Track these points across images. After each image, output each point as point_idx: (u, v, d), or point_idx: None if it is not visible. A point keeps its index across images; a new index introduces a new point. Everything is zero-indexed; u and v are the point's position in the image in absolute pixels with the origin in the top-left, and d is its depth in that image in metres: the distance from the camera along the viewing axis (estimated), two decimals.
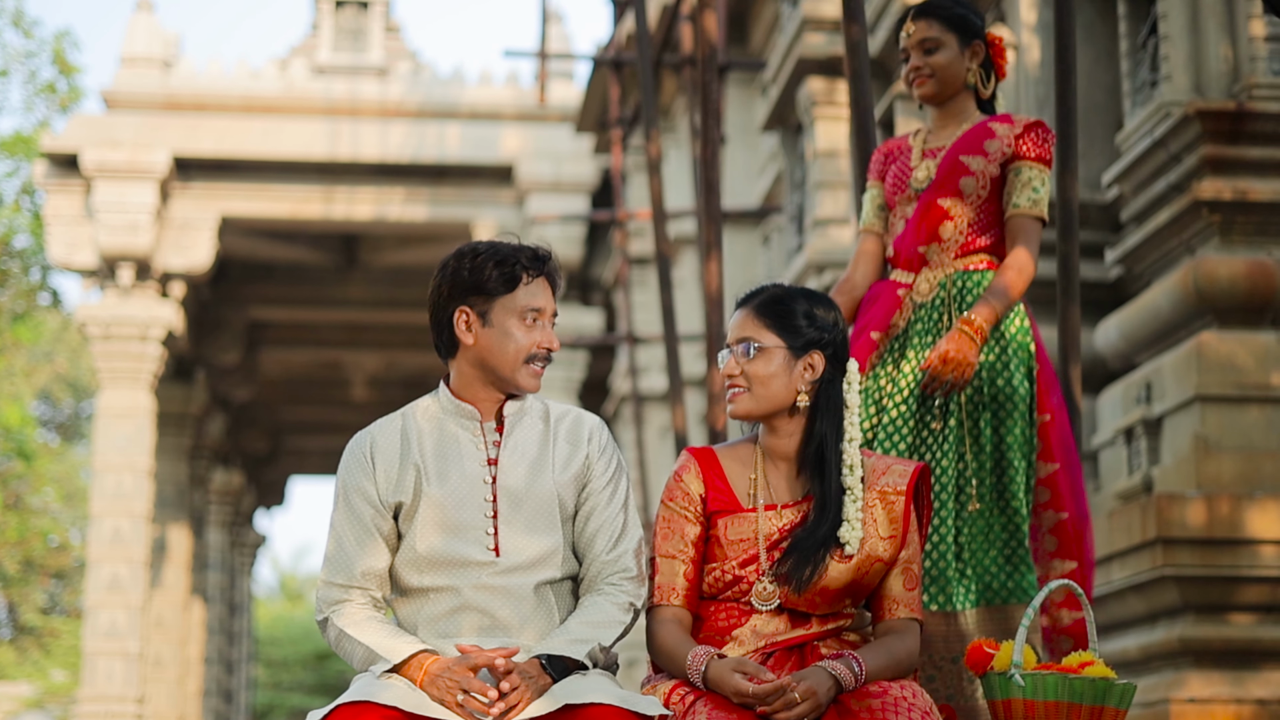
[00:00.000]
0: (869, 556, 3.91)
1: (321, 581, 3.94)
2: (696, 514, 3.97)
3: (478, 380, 3.93)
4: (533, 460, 3.92)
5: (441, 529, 3.85)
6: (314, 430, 31.92)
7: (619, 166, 14.57)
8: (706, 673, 3.77)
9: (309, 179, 21.03)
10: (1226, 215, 8.00)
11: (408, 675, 3.74)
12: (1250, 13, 8.07)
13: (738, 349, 3.96)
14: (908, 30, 5.03)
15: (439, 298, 3.93)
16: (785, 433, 3.98)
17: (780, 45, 12.18)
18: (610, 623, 3.84)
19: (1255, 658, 7.42)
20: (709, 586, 3.98)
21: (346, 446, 3.97)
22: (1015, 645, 3.91)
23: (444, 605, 3.85)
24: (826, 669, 3.75)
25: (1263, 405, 7.78)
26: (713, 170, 6.44)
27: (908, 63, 5.05)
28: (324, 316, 25.53)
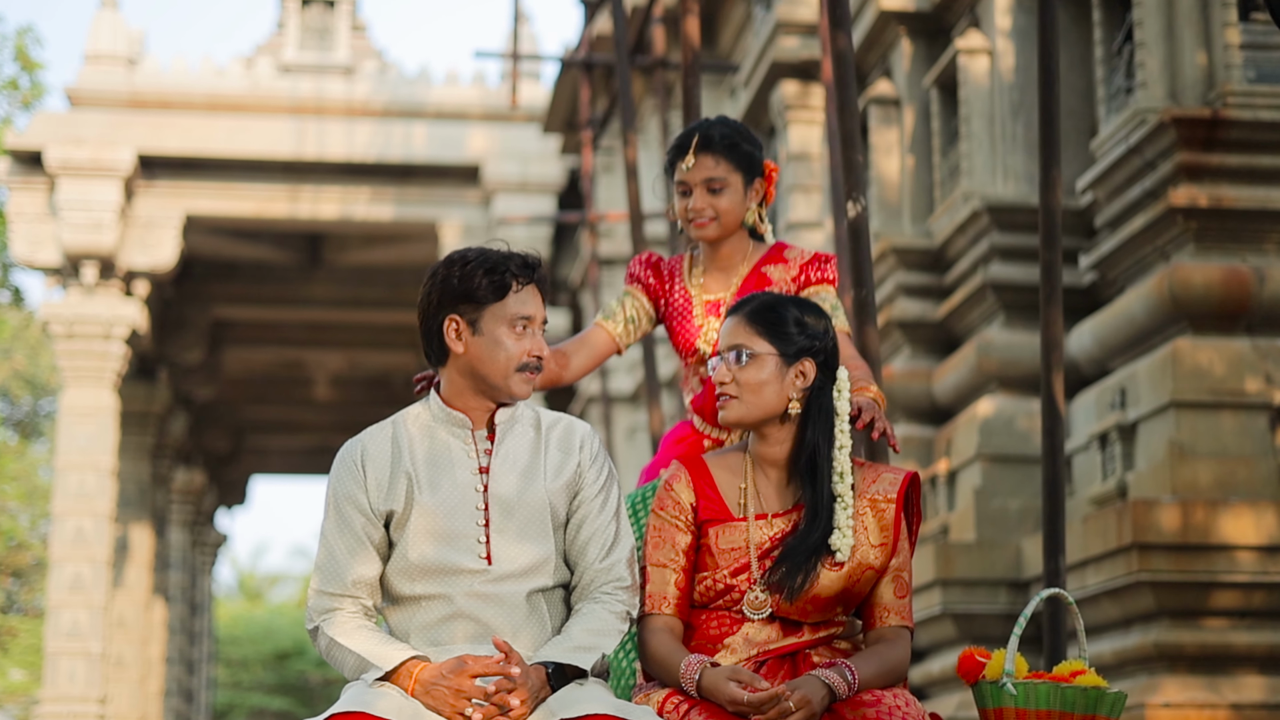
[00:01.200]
0: (860, 564, 3.91)
1: (312, 590, 3.91)
2: (688, 523, 3.96)
3: (468, 389, 3.90)
4: (524, 468, 3.90)
5: (433, 537, 3.83)
6: (276, 429, 31.82)
7: (589, 167, 14.56)
8: (700, 681, 3.76)
9: (274, 178, 20.95)
10: (1201, 222, 8.04)
11: (398, 683, 3.72)
12: (1225, 20, 8.11)
13: (729, 356, 3.95)
14: (688, 163, 4.53)
15: (429, 306, 3.90)
16: (776, 440, 3.97)
17: (753, 49, 12.20)
18: (610, 631, 3.84)
19: (1230, 662, 7.46)
20: (700, 595, 3.97)
21: (337, 455, 3.94)
22: (1007, 654, 3.90)
23: (436, 613, 3.83)
24: (820, 678, 3.75)
25: (1237, 411, 7.83)
26: None
27: (685, 196, 4.55)
28: (287, 315, 25.45)
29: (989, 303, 9.42)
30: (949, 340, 10.05)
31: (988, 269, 9.34)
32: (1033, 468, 9.06)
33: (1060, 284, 5.61)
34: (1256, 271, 7.95)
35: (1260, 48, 8.18)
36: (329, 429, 31.44)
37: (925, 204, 10.24)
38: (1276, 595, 7.46)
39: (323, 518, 3.92)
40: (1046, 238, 5.61)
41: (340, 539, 3.87)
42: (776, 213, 12.18)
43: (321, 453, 33.16)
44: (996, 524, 8.91)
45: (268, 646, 40.92)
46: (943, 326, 9.99)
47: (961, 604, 8.66)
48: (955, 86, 9.93)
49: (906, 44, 10.39)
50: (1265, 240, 8.09)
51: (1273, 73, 8.17)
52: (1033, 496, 9.00)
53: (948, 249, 9.83)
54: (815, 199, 11.52)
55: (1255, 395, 7.84)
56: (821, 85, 11.46)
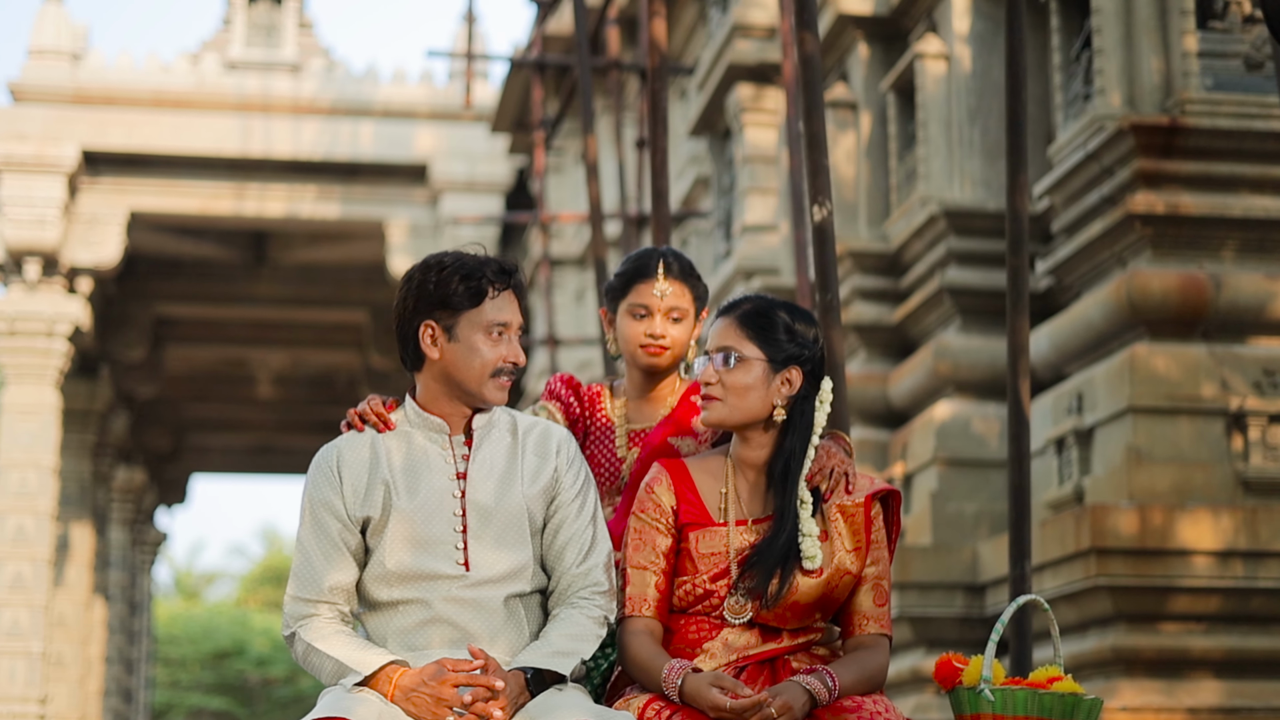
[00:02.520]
0: (838, 569, 3.91)
1: (288, 597, 3.87)
2: (668, 526, 3.95)
3: (444, 394, 3.88)
4: (501, 474, 3.88)
5: (410, 544, 3.80)
6: (217, 428, 31.65)
7: (541, 168, 14.53)
8: (683, 687, 3.74)
9: (220, 175, 20.84)
10: (1159, 229, 8.08)
11: (377, 688, 3.70)
12: (1183, 28, 8.16)
13: (717, 357, 3.94)
14: (662, 289, 4.29)
15: (404, 311, 3.86)
16: (757, 445, 3.97)
17: (709, 51, 12.20)
18: (588, 636, 3.83)
19: (1187, 667, 7.51)
20: (679, 600, 3.96)
21: (313, 460, 3.90)
22: (984, 660, 3.91)
23: (413, 618, 3.81)
24: (802, 684, 3.75)
25: (1194, 417, 7.87)
26: (662, 178, 6.42)
27: (640, 319, 4.30)
28: (231, 314, 25.31)
29: (945, 307, 9.44)
30: (905, 344, 10.07)
31: (945, 273, 9.37)
32: (989, 472, 9.10)
33: (1027, 289, 5.63)
34: (1213, 278, 8.00)
35: (1217, 55, 8.23)
36: (271, 428, 31.31)
37: (881, 208, 10.26)
38: (1233, 600, 7.51)
39: (299, 524, 3.89)
40: (1013, 243, 5.62)
41: (316, 545, 3.83)
42: (731, 216, 12.20)
43: (263, 452, 33.01)
44: (953, 527, 8.94)
45: (206, 646, 40.70)
46: (898, 330, 10.01)
47: (918, 607, 8.68)
48: (912, 91, 9.95)
49: (863, 48, 10.41)
50: (1222, 247, 8.14)
51: (1229, 81, 8.22)
52: (989, 500, 9.03)
53: (904, 253, 9.86)
54: (771, 202, 11.53)
55: (1211, 401, 7.89)
56: (777, 88, 11.49)
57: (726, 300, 4.05)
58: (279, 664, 40.00)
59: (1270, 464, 7.84)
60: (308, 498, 3.86)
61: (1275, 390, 7.91)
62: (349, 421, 3.93)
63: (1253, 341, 8.07)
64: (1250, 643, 7.53)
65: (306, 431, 31.63)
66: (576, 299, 17.45)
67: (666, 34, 7.35)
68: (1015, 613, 5.60)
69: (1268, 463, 7.84)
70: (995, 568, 8.48)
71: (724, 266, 12.07)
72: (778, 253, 11.39)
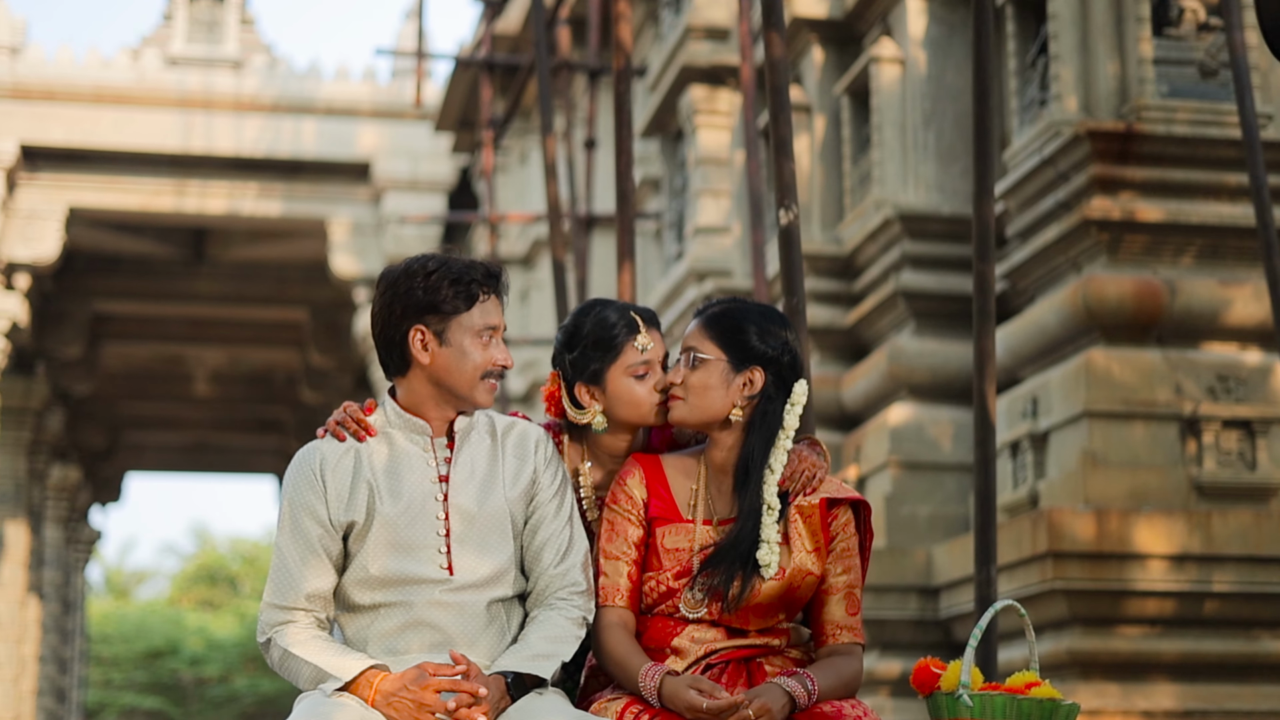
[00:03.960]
0: (798, 570, 3.93)
1: (265, 603, 3.84)
2: (639, 517, 3.98)
3: (431, 398, 3.86)
4: (484, 477, 3.87)
5: (393, 548, 3.78)
6: (153, 426, 31.44)
7: (490, 167, 14.49)
8: (661, 689, 3.76)
9: (161, 171, 20.68)
10: (1114, 234, 8.12)
11: (357, 693, 3.68)
12: (1139, 35, 8.20)
13: (682, 358, 3.97)
14: (642, 344, 4.04)
15: (390, 316, 3.83)
16: (723, 446, 3.99)
17: (661, 53, 12.20)
18: (567, 638, 3.82)
19: (1142, 670, 7.56)
20: (645, 597, 3.98)
21: (292, 462, 3.86)
22: (963, 665, 3.92)
23: (394, 621, 3.79)
24: (782, 686, 3.77)
25: (1148, 422, 7.92)
26: (626, 180, 6.41)
27: (644, 377, 4.04)
28: (169, 311, 25.15)
29: (900, 310, 9.47)
30: (858, 347, 10.10)
31: (899, 277, 9.39)
32: (943, 475, 9.13)
33: (993, 295, 5.64)
34: (1168, 284, 8.05)
35: (1173, 62, 8.29)
36: (207, 426, 31.13)
37: (835, 211, 10.28)
38: (1187, 604, 7.56)
39: (277, 528, 3.84)
40: (980, 251, 5.63)
41: (295, 551, 3.80)
42: (683, 218, 12.19)
43: (199, 450, 32.81)
44: (906, 531, 8.96)
45: (140, 645, 40.43)
46: (852, 333, 10.03)
47: (872, 610, 8.69)
48: (867, 94, 9.97)
49: (818, 51, 10.42)
50: (1177, 253, 8.19)
51: (1185, 87, 8.27)
52: (942, 503, 9.07)
53: (858, 256, 9.88)
54: (724, 204, 11.53)
55: (1166, 406, 7.94)
56: (729, 90, 11.49)
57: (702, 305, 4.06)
58: (212, 663, 39.78)
59: (1224, 469, 7.90)
60: (288, 501, 3.82)
61: (1229, 395, 7.97)
62: (329, 432, 3.89)
63: (1207, 347, 8.13)
64: (1204, 646, 7.59)
65: (243, 430, 31.49)
66: (521, 299, 17.42)
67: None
68: (978, 615, 5.65)
69: (1221, 468, 7.90)
70: (949, 571, 8.51)
71: (676, 269, 12.07)
72: (730, 254, 11.39)
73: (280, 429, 30.39)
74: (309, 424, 28.70)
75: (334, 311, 23.98)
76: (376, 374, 20.76)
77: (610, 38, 15.20)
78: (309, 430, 28.73)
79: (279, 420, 30.18)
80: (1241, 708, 7.57)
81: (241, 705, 39.23)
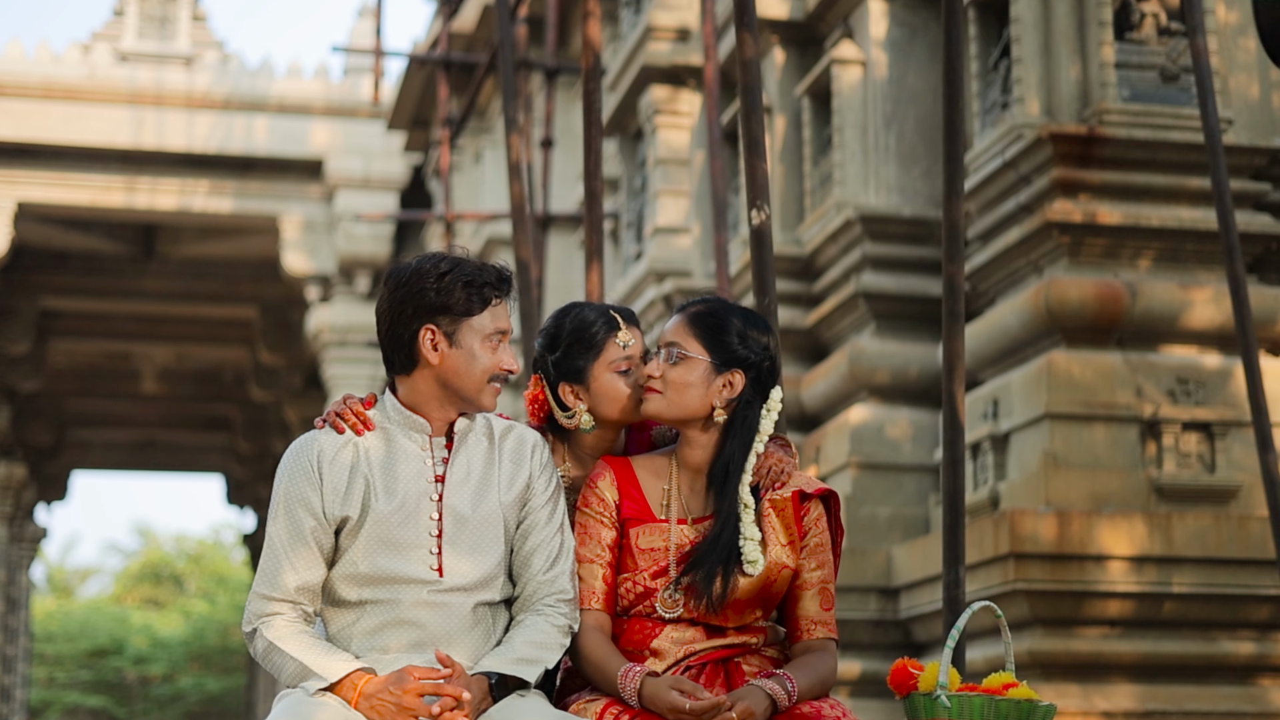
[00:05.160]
0: (774, 564, 3.95)
1: (253, 593, 3.82)
2: (612, 519, 3.98)
3: (435, 398, 3.84)
4: (479, 481, 3.86)
5: (384, 546, 3.77)
6: (99, 423, 31.22)
7: (446, 165, 14.46)
8: (641, 690, 3.76)
9: (111, 167, 20.56)
10: (1076, 237, 8.17)
11: (340, 694, 3.67)
12: (1101, 39, 8.25)
13: (663, 352, 3.97)
14: (624, 339, 4.07)
15: (401, 314, 3.81)
16: (698, 444, 4.00)
17: (620, 52, 12.19)
18: (552, 645, 3.82)
19: (1101, 671, 7.60)
20: (621, 599, 3.98)
21: (288, 452, 3.83)
22: (940, 666, 3.93)
23: (378, 619, 3.78)
24: (763, 689, 3.78)
25: (1109, 424, 7.97)
26: (596, 179, 6.40)
27: (626, 372, 4.05)
28: (118, 307, 25.00)
29: (860, 312, 9.49)
30: (818, 348, 10.12)
31: (859, 278, 9.41)
32: (902, 475, 9.16)
33: (962, 297, 5.66)
34: (1129, 287, 8.10)
35: (1135, 67, 8.34)
36: (155, 424, 30.94)
37: (795, 212, 10.29)
38: (1147, 605, 7.61)
39: (270, 519, 3.83)
40: (949, 253, 5.65)
41: (287, 542, 3.79)
42: (643, 218, 12.19)
43: (146, 447, 32.62)
44: (867, 531, 8.98)
45: (84, 643, 40.14)
46: (811, 334, 10.05)
47: None
48: (828, 96, 9.99)
49: (779, 52, 10.43)
50: (1137, 256, 8.24)
51: (1146, 92, 8.32)
52: (902, 504, 9.10)
53: (818, 257, 9.90)
54: (683, 204, 11.54)
55: (1126, 408, 7.98)
56: (690, 90, 11.50)
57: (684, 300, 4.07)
58: (157, 662, 39.54)
59: (1183, 471, 7.95)
60: (283, 493, 3.80)
61: (1189, 398, 8.02)
62: (327, 423, 3.87)
63: (1167, 350, 8.18)
64: (1164, 647, 7.63)
65: (191, 428, 31.31)
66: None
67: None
68: (947, 615, 5.67)
69: (1181, 469, 7.96)
70: (909, 571, 8.54)
71: (635, 268, 12.06)
72: (689, 255, 11.40)
73: (228, 427, 30.25)
74: (258, 422, 28.59)
75: (284, 309, 23.89)
76: (328, 372, 20.70)
77: (567, 37, 15.24)
78: (257, 428, 28.64)
79: (227, 418, 30.05)
80: (1200, 708, 7.62)
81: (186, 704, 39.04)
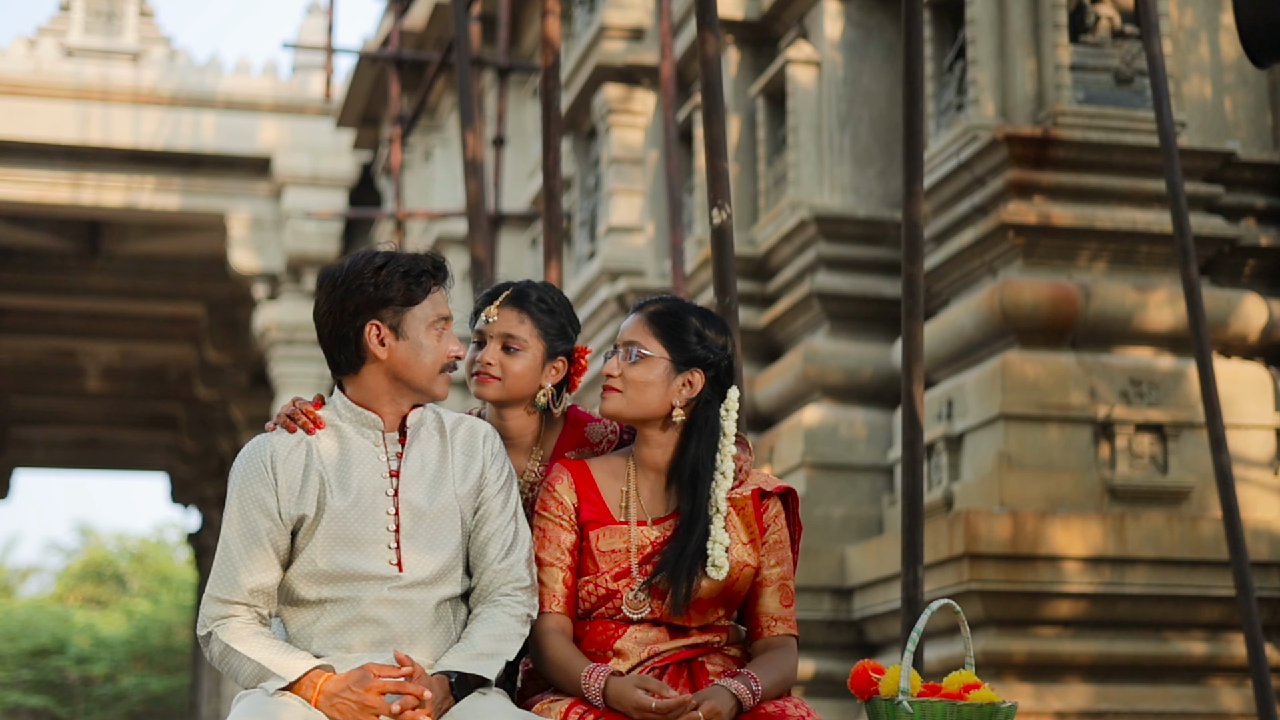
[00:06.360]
0: (737, 563, 3.97)
1: (207, 596, 3.80)
2: (571, 523, 3.98)
3: (386, 392, 3.84)
4: (434, 474, 3.86)
5: (343, 543, 3.75)
6: (42, 421, 31.01)
7: (397, 163, 14.41)
8: (606, 690, 3.75)
9: (56, 163, 20.40)
10: (1030, 238, 8.19)
11: (300, 693, 3.65)
12: (1056, 41, 8.28)
13: (622, 351, 3.97)
14: (491, 314, 4.12)
15: (342, 314, 3.80)
16: (657, 444, 4.00)
17: (575, 51, 12.18)
18: (512, 636, 3.81)
19: (1055, 671, 7.63)
20: (582, 601, 3.97)
21: (241, 454, 3.82)
22: (902, 670, 3.93)
23: (339, 617, 3.77)
24: (728, 689, 3.79)
25: (1062, 425, 8.00)
26: (555, 178, 6.36)
27: (479, 348, 4.11)
28: (62, 304, 24.80)
29: (814, 312, 9.50)
30: (771, 348, 10.12)
31: (814, 278, 9.42)
32: (856, 476, 9.17)
33: (922, 297, 5.65)
34: (1083, 288, 8.13)
35: (1089, 69, 8.37)
36: (99, 422, 30.74)
37: (750, 212, 10.29)
38: (1100, 605, 7.64)
39: (224, 521, 3.80)
40: (909, 252, 5.64)
41: (241, 544, 3.76)
42: (596, 217, 12.17)
43: (89, 446, 32.42)
44: (820, 531, 8.99)
45: (25, 643, 39.82)
46: (765, 334, 10.05)
47: None
48: (782, 96, 9.99)
49: (734, 52, 10.43)
50: (1091, 258, 8.27)
51: (1100, 94, 8.36)
52: (856, 505, 9.11)
53: (772, 257, 9.90)
54: (637, 203, 11.53)
55: (1080, 409, 8.02)
56: (644, 89, 11.49)
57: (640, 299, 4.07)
58: (99, 662, 39.27)
59: (1136, 472, 7.99)
60: (236, 494, 3.78)
61: (1142, 400, 8.06)
62: (279, 425, 3.85)
63: (1120, 351, 8.22)
64: (1116, 647, 7.67)
65: (135, 426, 31.11)
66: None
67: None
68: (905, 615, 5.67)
69: (1134, 470, 8.00)
70: (863, 571, 8.55)
71: (588, 268, 12.05)
72: (643, 254, 11.39)
73: (173, 425, 30.08)
74: (203, 420, 28.43)
75: (231, 307, 23.76)
76: (275, 370, 20.60)
77: (519, 36, 15.22)
78: (203, 427, 28.49)
79: (172, 416, 29.87)
80: (1152, 708, 7.66)
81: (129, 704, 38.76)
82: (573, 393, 4.25)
